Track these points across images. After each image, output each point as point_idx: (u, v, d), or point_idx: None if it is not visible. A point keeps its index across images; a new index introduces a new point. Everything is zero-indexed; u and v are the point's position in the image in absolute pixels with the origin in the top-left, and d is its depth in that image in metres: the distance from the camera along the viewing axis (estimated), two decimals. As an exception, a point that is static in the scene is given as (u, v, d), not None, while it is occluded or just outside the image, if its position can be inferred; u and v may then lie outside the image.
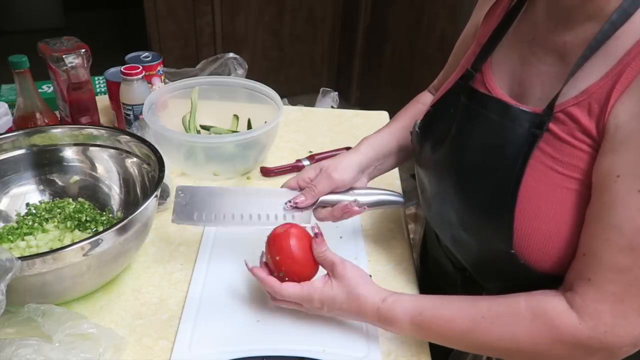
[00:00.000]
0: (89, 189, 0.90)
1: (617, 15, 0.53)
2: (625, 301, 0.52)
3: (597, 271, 0.53)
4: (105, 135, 0.87)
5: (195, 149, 1.00)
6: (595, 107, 0.54)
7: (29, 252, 0.77)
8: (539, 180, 0.57)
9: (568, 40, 0.58)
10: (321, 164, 0.76)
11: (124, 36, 3.98)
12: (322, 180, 0.74)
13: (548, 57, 0.61)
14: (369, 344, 0.69)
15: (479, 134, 0.64)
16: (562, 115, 0.56)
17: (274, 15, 3.03)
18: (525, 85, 0.63)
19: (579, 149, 0.55)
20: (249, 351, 0.67)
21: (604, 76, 0.54)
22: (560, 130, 0.56)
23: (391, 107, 1.46)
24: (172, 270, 0.80)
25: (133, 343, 0.68)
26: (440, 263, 0.80)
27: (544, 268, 0.59)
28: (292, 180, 0.77)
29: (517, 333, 0.57)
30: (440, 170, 0.70)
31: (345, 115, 1.31)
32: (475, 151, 0.64)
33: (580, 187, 0.55)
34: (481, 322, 0.59)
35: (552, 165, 0.57)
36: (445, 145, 0.68)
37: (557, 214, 0.56)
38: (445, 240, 0.74)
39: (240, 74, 1.26)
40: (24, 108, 1.00)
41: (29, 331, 0.65)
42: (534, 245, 0.58)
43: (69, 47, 1.05)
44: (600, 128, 0.53)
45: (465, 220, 0.66)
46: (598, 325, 0.53)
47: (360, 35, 3.03)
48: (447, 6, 2.38)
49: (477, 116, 0.64)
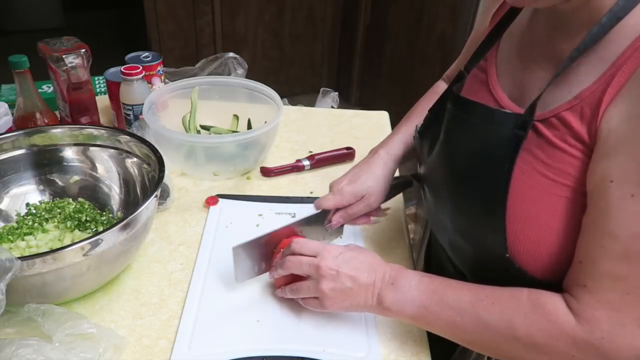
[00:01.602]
0: (89, 189, 0.90)
1: (607, 19, 0.53)
2: (622, 310, 0.51)
3: (593, 278, 0.52)
4: (105, 135, 0.87)
5: (195, 149, 1.00)
6: (587, 111, 0.54)
7: (29, 252, 0.77)
8: (528, 185, 0.57)
9: (565, 48, 0.58)
10: (358, 189, 0.80)
11: (124, 36, 3.98)
12: (360, 205, 0.81)
13: (546, 63, 0.61)
14: (369, 344, 0.69)
15: (466, 140, 0.64)
16: (555, 120, 0.56)
17: (274, 15, 3.03)
18: (525, 89, 0.63)
19: (571, 154, 0.55)
20: (249, 351, 0.67)
21: (597, 80, 0.54)
22: (552, 135, 0.56)
23: (391, 107, 1.47)
24: (172, 270, 0.80)
25: (133, 343, 0.68)
26: (443, 266, 0.80)
27: (535, 273, 0.59)
28: (329, 201, 0.80)
29: (515, 320, 0.57)
30: (434, 175, 0.70)
31: (345, 115, 1.31)
32: (463, 157, 0.64)
33: (571, 195, 0.55)
34: (483, 300, 0.59)
35: (543, 171, 0.57)
36: (436, 151, 0.69)
37: (546, 221, 0.56)
38: (443, 245, 0.74)
39: (240, 74, 1.26)
40: (24, 108, 1.00)
41: (29, 331, 0.65)
42: (524, 250, 0.58)
43: (69, 47, 1.05)
44: (592, 132, 0.53)
45: (459, 225, 0.66)
46: (594, 331, 0.52)
47: (360, 35, 3.03)
48: (447, 6, 2.38)
49: (463, 122, 0.64)
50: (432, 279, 0.64)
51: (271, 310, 0.73)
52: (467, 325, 0.60)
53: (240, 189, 1.01)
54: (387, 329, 0.72)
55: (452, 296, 0.61)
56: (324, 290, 0.66)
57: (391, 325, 0.73)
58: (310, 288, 0.67)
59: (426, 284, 0.64)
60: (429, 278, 0.65)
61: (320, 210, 0.81)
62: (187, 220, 0.91)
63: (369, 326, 0.72)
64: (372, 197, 0.81)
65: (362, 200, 0.80)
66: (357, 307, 0.67)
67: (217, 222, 0.90)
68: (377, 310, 0.66)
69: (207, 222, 0.90)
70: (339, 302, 0.66)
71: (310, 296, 0.68)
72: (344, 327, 0.71)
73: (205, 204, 0.95)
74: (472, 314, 0.59)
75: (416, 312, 0.63)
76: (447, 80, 0.94)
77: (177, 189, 0.98)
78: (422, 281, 0.64)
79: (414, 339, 0.71)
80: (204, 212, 0.93)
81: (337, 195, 0.80)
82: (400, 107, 0.94)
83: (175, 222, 0.91)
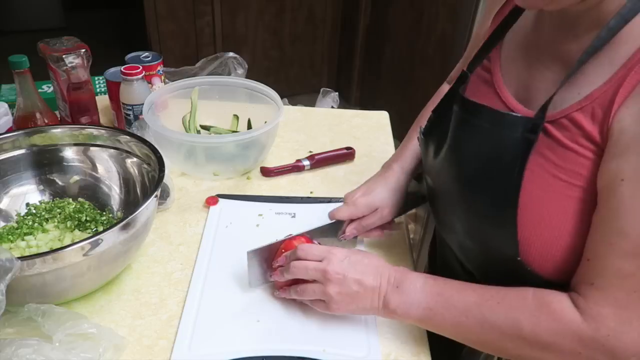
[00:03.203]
0: (89, 189, 0.90)
1: (615, 22, 0.53)
2: (629, 308, 0.52)
3: (601, 276, 0.53)
4: (105, 135, 0.87)
5: (195, 149, 1.00)
6: (599, 111, 0.54)
7: (29, 252, 0.77)
8: (540, 187, 0.57)
9: (573, 49, 0.58)
10: (372, 201, 0.81)
11: (124, 36, 3.98)
12: (374, 217, 0.81)
13: (553, 64, 0.61)
14: (369, 344, 0.69)
15: (474, 143, 0.64)
16: (565, 120, 0.56)
17: (274, 15, 3.03)
18: (531, 90, 0.63)
19: (582, 155, 0.55)
20: (249, 351, 0.67)
21: (607, 81, 0.54)
22: (563, 136, 0.56)
23: (391, 107, 1.47)
24: (172, 270, 0.80)
25: (133, 343, 0.68)
26: (450, 266, 0.80)
27: (547, 274, 0.59)
28: (344, 212, 0.81)
29: (520, 319, 0.57)
30: (442, 177, 0.70)
31: (345, 115, 1.31)
32: (472, 160, 0.64)
33: (583, 195, 0.55)
34: (488, 300, 0.59)
35: (554, 172, 0.57)
36: (443, 154, 0.69)
37: (558, 222, 0.56)
38: (452, 246, 0.74)
39: (240, 74, 1.26)
40: (24, 108, 1.00)
41: (29, 331, 0.65)
42: (536, 252, 0.58)
43: (69, 47, 1.05)
44: (604, 133, 0.53)
45: (469, 228, 0.66)
46: (600, 328, 0.53)
47: (360, 35, 3.03)
48: (447, 6, 2.38)
49: (470, 125, 0.64)
50: (436, 281, 0.65)
51: (271, 310, 0.73)
52: (473, 325, 0.60)
53: (240, 189, 1.01)
54: (387, 329, 0.72)
55: (457, 297, 0.62)
56: (331, 294, 0.66)
57: (391, 325, 0.73)
58: (316, 291, 0.67)
59: (431, 286, 0.64)
60: (434, 280, 0.65)
61: (334, 220, 0.81)
62: (187, 220, 0.91)
63: (369, 326, 0.72)
64: (385, 209, 0.81)
65: (376, 213, 0.81)
66: (363, 310, 0.67)
67: (217, 222, 0.90)
68: (383, 313, 0.66)
69: (207, 222, 0.90)
70: (345, 305, 0.67)
71: (315, 299, 0.69)
72: (344, 327, 0.71)
73: (205, 204, 0.95)
74: (477, 314, 0.60)
75: (422, 315, 0.64)
76: (451, 83, 0.94)
77: (177, 189, 0.98)
78: (427, 283, 0.64)
79: (414, 339, 0.71)
80: (204, 212, 0.93)
81: (351, 206, 0.81)
82: (400, 107, 0.95)
83: (175, 222, 0.90)
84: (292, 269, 0.69)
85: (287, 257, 0.72)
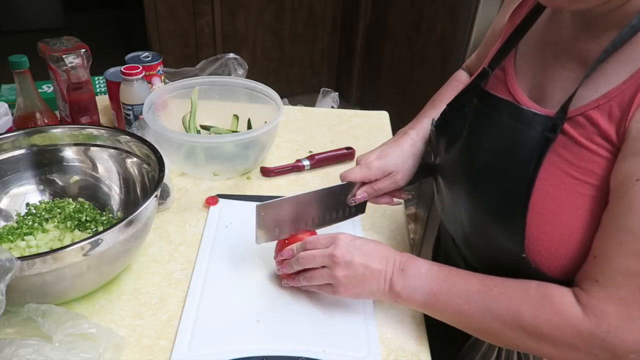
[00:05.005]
0: (89, 189, 0.90)
1: (638, 20, 0.53)
2: (632, 306, 0.52)
3: (606, 273, 0.53)
4: (105, 135, 0.87)
5: (195, 149, 1.00)
6: (617, 110, 0.53)
7: (29, 252, 0.77)
8: (552, 184, 0.57)
9: (591, 48, 0.58)
10: (387, 165, 0.78)
11: (124, 36, 3.99)
12: (386, 181, 0.79)
13: (570, 63, 0.61)
14: (369, 344, 0.69)
15: (491, 136, 0.63)
16: (581, 118, 0.56)
17: (274, 15, 3.03)
18: (546, 89, 0.63)
19: (597, 153, 0.55)
20: (249, 351, 0.67)
21: (627, 80, 0.53)
22: (578, 134, 0.56)
23: (391, 107, 1.47)
24: (172, 270, 0.80)
25: (133, 343, 0.68)
26: (453, 261, 0.80)
27: (552, 272, 0.59)
28: (356, 173, 0.78)
29: (522, 309, 0.57)
30: (453, 171, 0.70)
31: (345, 115, 1.31)
32: (487, 154, 0.63)
33: (595, 193, 0.55)
34: (491, 289, 0.60)
35: (568, 170, 0.56)
36: (457, 147, 0.68)
37: (570, 220, 0.56)
38: (457, 240, 0.75)
39: (240, 74, 1.26)
40: (24, 108, 1.00)
41: (29, 331, 0.65)
42: (544, 250, 0.58)
43: (69, 47, 1.05)
44: (621, 132, 0.53)
45: (476, 222, 0.66)
46: (601, 325, 0.53)
47: (360, 35, 3.03)
48: (447, 6, 2.37)
49: (489, 119, 0.64)
50: (441, 268, 0.66)
51: (271, 310, 0.73)
52: (475, 313, 0.61)
53: (240, 189, 1.01)
54: (387, 329, 0.72)
55: (461, 285, 0.63)
56: (338, 277, 0.67)
57: (391, 325, 0.73)
58: (324, 275, 0.68)
59: (436, 272, 0.65)
60: (439, 267, 0.66)
61: (345, 182, 0.79)
62: (187, 220, 0.91)
63: (369, 326, 0.72)
64: (399, 174, 0.79)
65: (389, 177, 0.79)
66: (369, 293, 0.68)
67: (217, 222, 0.90)
68: (388, 297, 0.67)
69: (207, 222, 0.90)
70: (352, 288, 0.68)
71: (323, 283, 0.69)
72: (344, 327, 0.71)
73: (205, 204, 0.95)
74: (479, 302, 0.60)
75: (425, 299, 0.64)
76: (467, 71, 0.93)
77: (177, 189, 0.98)
78: (431, 269, 0.65)
79: (414, 339, 0.71)
80: (204, 212, 0.93)
81: (364, 168, 0.78)
82: (400, 107, 0.94)
83: (175, 222, 0.91)
84: (301, 260, 0.70)
85: (293, 250, 0.72)
